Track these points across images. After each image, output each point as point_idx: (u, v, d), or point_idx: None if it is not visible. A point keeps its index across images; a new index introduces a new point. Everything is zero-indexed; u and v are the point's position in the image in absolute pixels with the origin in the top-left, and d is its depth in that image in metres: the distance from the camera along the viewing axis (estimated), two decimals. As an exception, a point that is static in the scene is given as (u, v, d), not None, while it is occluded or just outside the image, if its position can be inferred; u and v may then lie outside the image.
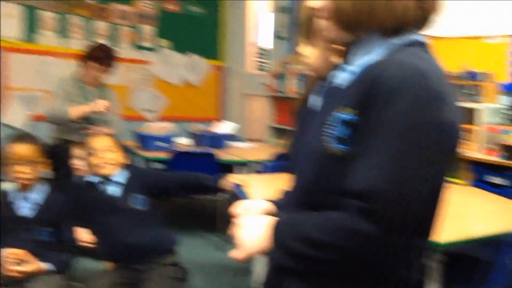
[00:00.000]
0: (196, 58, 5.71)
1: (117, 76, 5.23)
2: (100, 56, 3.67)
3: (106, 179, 2.54)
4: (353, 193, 0.81)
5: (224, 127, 4.11)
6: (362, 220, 0.79)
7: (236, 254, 1.01)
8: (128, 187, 2.55)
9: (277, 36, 5.21)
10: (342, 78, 0.93)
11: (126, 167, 2.62)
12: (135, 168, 2.67)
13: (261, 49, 5.86)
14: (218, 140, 3.91)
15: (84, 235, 3.09)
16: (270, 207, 1.23)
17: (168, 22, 5.49)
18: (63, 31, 4.90)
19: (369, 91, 0.81)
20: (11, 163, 2.42)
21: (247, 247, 0.99)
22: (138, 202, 2.54)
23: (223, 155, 3.61)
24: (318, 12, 0.93)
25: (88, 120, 3.55)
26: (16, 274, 2.31)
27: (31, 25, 4.78)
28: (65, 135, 3.55)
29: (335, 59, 1.13)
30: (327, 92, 0.98)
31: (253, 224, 1.00)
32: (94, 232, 2.54)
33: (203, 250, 3.58)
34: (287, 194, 1.32)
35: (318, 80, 1.74)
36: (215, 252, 3.52)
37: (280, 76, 4.92)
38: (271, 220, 0.95)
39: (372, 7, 0.86)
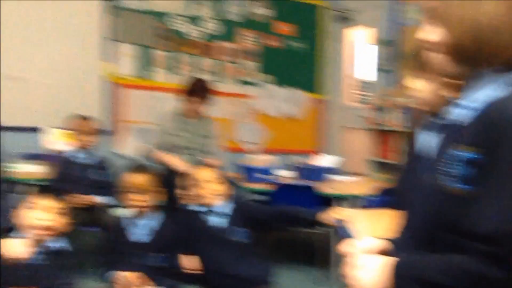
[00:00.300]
0: (296, 91, 5.82)
1: (220, 110, 5.48)
2: (197, 90, 3.90)
3: (210, 209, 2.64)
4: (478, 236, 0.78)
5: (324, 160, 4.11)
6: (489, 265, 0.76)
7: None
8: (232, 219, 2.62)
9: (378, 69, 5.18)
10: (459, 114, 0.88)
11: (231, 199, 2.70)
12: (239, 201, 2.73)
13: (362, 81, 5.84)
14: (319, 173, 3.92)
15: (192, 263, 3.23)
16: (384, 245, 1.15)
17: (269, 57, 5.68)
18: (173, 68, 5.24)
19: (496, 129, 0.78)
20: (128, 191, 2.62)
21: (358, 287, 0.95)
22: (241, 234, 2.60)
23: (323, 188, 3.61)
24: (432, 45, 0.89)
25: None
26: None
27: (145, 63, 5.17)
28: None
29: (448, 93, 1.10)
30: (442, 128, 0.93)
31: (370, 264, 0.96)
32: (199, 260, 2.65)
33: (302, 284, 3.56)
34: (399, 232, 1.24)
35: (426, 114, 1.69)
36: (313, 286, 3.49)
37: (380, 109, 4.86)
38: (389, 261, 0.92)
39: (497, 42, 0.82)
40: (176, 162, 3.66)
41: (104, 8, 4.90)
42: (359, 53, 5.93)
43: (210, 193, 2.61)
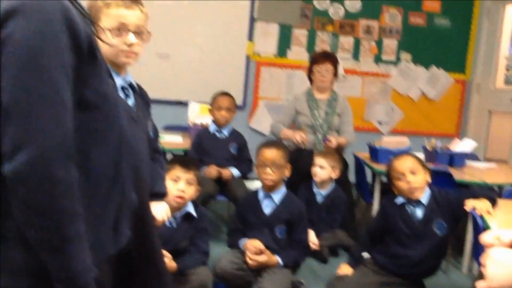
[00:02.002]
0: (438, 72, 5.52)
1: (357, 89, 5.43)
2: (319, 58, 3.90)
3: (416, 201, 2.53)
4: None
5: (463, 145, 3.89)
6: None
7: (482, 285, 0.98)
8: (430, 210, 2.51)
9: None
10: None
11: (429, 186, 2.57)
12: (437, 189, 2.59)
13: (514, 62, 5.35)
14: (456, 158, 3.72)
15: (313, 238, 3.32)
16: None
17: (412, 35, 5.44)
18: (311, 47, 5.29)
19: None
20: (261, 165, 2.76)
21: (495, 281, 0.96)
22: (439, 227, 2.50)
23: (460, 174, 3.43)
24: None
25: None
26: (254, 263, 2.62)
27: (286, 42, 5.28)
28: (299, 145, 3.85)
29: None
30: None
31: (504, 258, 0.97)
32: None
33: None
34: None
35: None
36: (443, 273, 3.33)
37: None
38: None
39: None
40: (300, 138, 3.73)
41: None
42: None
43: (414, 186, 2.50)
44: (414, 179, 2.49)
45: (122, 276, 1.44)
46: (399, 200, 2.57)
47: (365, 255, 2.69)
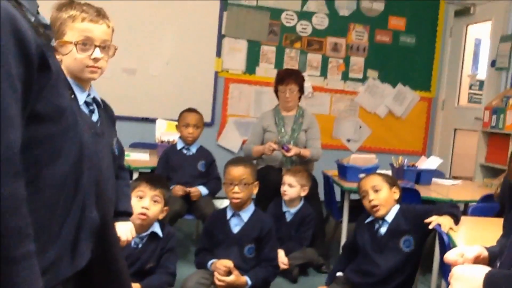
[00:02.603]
0: (404, 89, 5.62)
1: (325, 106, 5.46)
2: (283, 77, 3.91)
3: (381, 218, 2.55)
4: None
5: (429, 162, 3.93)
6: None
7: None
8: (396, 226, 2.53)
9: (497, 67, 4.83)
10: None
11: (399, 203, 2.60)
12: (405, 206, 2.61)
13: (477, 80, 5.48)
14: (422, 176, 3.76)
15: (282, 257, 3.28)
16: (483, 253, 1.20)
17: (378, 53, 5.53)
18: (279, 63, 5.31)
19: None
20: (229, 184, 2.71)
21: None
22: (406, 243, 2.51)
23: (425, 191, 3.46)
24: None
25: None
26: (222, 284, 2.56)
27: (254, 59, 5.29)
28: (267, 163, 3.83)
29: None
30: None
31: (467, 273, 0.99)
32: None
33: None
34: (500, 241, 1.25)
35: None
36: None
37: (497, 111, 4.54)
38: (485, 271, 0.95)
39: None
40: (272, 146, 3.72)
41: (221, 6, 5.09)
42: (476, 49, 5.58)
43: (375, 203, 2.53)
44: (376, 197, 2.53)
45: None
46: (369, 218, 2.61)
47: (339, 274, 2.68)
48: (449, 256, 1.21)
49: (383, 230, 2.54)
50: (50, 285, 0.97)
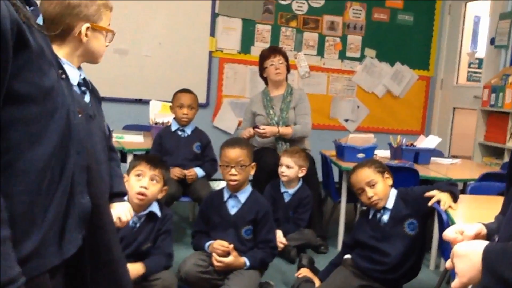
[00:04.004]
0: (403, 68, 5.54)
1: (322, 86, 5.39)
2: (269, 52, 3.84)
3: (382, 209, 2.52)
4: None
5: (428, 142, 3.89)
6: None
7: (456, 284, 1.00)
8: (398, 211, 2.50)
9: (496, 45, 4.76)
10: None
11: (395, 187, 2.57)
12: (404, 189, 2.59)
13: (476, 58, 5.41)
14: (421, 155, 3.72)
15: (281, 238, 3.24)
16: (483, 231, 1.19)
17: (376, 31, 5.44)
18: (275, 43, 5.21)
19: None
20: (225, 166, 2.65)
21: (465, 276, 0.97)
22: (410, 226, 2.48)
23: (424, 170, 3.42)
24: None
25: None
26: (221, 265, 2.52)
27: (249, 38, 5.18)
28: (261, 145, 3.79)
29: None
30: None
31: (468, 250, 0.98)
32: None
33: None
34: (498, 218, 1.27)
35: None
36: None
37: (496, 89, 4.48)
38: (483, 246, 0.94)
39: None
40: (248, 134, 3.73)
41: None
42: (475, 27, 5.50)
43: (375, 199, 2.49)
44: (375, 192, 2.48)
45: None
46: (369, 214, 2.58)
47: (347, 256, 2.63)
48: (448, 233, 1.20)
49: (385, 218, 2.50)
50: (35, 273, 0.93)
